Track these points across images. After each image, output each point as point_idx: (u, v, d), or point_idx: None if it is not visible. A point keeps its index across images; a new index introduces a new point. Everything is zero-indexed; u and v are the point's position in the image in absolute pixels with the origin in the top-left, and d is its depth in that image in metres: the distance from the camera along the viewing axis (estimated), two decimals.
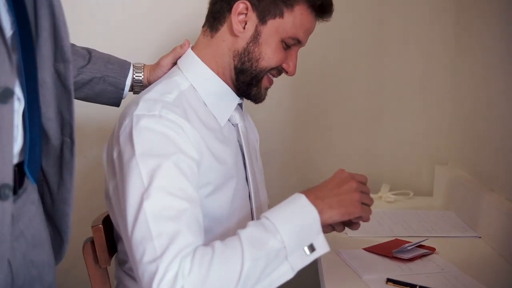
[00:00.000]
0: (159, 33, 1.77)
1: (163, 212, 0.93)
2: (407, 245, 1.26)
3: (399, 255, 1.24)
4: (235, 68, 1.15)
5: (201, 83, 1.15)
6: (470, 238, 1.43)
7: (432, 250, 1.29)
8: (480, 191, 1.49)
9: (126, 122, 1.03)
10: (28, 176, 0.84)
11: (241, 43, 1.14)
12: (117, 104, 1.27)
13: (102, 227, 1.14)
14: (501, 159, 1.47)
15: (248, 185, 1.21)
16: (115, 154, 1.05)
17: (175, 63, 1.22)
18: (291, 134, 1.88)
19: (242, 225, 0.99)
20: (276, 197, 1.13)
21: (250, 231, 0.94)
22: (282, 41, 1.14)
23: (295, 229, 0.94)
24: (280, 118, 1.87)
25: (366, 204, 1.03)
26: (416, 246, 1.28)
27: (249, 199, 1.21)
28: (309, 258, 0.95)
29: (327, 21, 1.18)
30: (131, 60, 1.28)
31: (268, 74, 1.18)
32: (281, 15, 1.12)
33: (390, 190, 1.81)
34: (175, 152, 0.99)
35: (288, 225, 0.94)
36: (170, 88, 1.11)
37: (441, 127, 1.86)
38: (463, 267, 1.21)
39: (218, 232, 1.10)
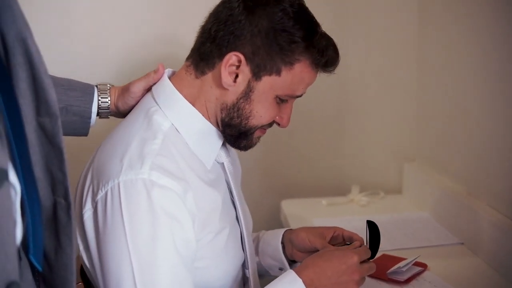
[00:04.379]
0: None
1: None
2: (402, 264, 1.22)
3: (395, 277, 1.21)
4: (222, 120, 1.03)
5: (183, 122, 1.03)
6: (453, 246, 1.42)
7: (424, 267, 1.27)
8: (458, 195, 1.48)
9: (109, 186, 0.92)
10: (35, 265, 0.72)
11: (230, 97, 1.01)
12: (85, 133, 1.12)
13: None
14: (474, 162, 1.46)
15: (239, 224, 1.13)
16: (86, 215, 0.95)
17: (147, 89, 1.09)
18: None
19: (236, 264, 1.06)
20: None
21: None
22: (277, 97, 1.03)
23: None
24: None
25: None
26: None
27: (241, 239, 1.13)
28: None
29: (331, 73, 1.05)
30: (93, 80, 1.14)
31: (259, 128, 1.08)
32: (278, 73, 1.00)
33: (360, 191, 1.78)
34: (173, 232, 0.92)
35: None
36: (152, 133, 0.99)
37: (407, 124, 1.84)
38: (454, 280, 1.22)
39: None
